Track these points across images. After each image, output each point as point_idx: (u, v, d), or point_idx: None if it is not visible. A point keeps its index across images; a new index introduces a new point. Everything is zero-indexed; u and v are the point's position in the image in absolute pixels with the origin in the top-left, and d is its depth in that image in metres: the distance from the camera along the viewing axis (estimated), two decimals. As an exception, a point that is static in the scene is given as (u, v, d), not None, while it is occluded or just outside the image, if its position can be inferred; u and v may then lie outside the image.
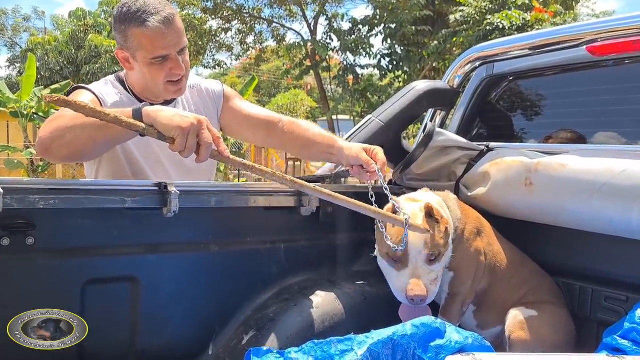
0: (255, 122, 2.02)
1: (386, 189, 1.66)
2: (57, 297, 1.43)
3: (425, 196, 1.75)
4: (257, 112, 2.05)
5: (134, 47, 1.75)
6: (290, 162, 16.39)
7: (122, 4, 1.75)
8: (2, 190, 1.25)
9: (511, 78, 2.44)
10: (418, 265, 1.56)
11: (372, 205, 1.59)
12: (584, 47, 1.99)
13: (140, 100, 1.86)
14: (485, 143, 2.17)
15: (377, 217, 1.60)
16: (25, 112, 12.38)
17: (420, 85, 2.26)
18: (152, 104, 1.85)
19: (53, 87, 13.43)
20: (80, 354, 1.46)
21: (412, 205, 1.65)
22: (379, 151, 1.74)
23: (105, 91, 1.84)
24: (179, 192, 1.49)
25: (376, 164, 1.69)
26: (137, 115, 1.38)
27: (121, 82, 1.92)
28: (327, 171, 2.13)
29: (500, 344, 1.73)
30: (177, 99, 1.95)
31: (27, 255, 1.38)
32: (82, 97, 1.74)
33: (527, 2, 11.39)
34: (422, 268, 1.56)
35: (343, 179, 2.08)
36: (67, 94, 1.73)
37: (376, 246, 1.71)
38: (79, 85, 1.83)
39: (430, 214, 1.60)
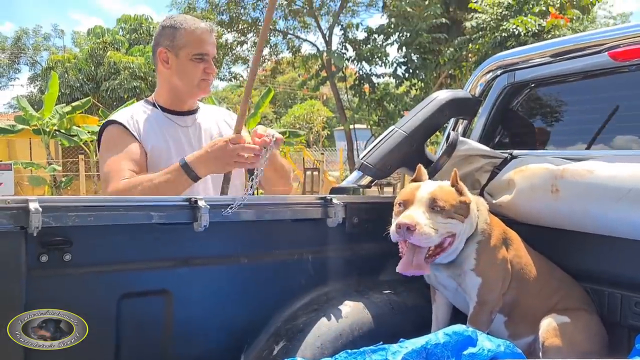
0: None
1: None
2: (93, 311, 1.46)
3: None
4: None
5: (180, 45, 2.10)
6: (309, 172, 16.43)
7: (171, 17, 2.19)
8: (41, 209, 1.29)
9: (532, 85, 2.44)
10: (419, 208, 1.58)
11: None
12: (606, 52, 1.99)
13: (169, 112, 2.19)
14: (508, 150, 2.17)
15: None
16: (48, 129, 12.60)
17: (442, 95, 2.27)
18: (176, 113, 2.19)
19: (74, 104, 13.65)
20: None
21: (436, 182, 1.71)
22: (257, 128, 1.91)
23: (135, 112, 2.17)
24: (209, 206, 1.52)
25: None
26: (186, 168, 1.84)
27: (151, 104, 2.23)
28: (351, 183, 2.15)
29: (532, 352, 1.73)
30: (196, 113, 2.26)
31: (65, 271, 1.42)
32: (112, 131, 2.09)
33: (543, 9, 11.31)
34: (423, 212, 1.57)
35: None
36: (101, 130, 2.14)
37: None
38: (110, 120, 2.15)
39: (454, 184, 1.66)
